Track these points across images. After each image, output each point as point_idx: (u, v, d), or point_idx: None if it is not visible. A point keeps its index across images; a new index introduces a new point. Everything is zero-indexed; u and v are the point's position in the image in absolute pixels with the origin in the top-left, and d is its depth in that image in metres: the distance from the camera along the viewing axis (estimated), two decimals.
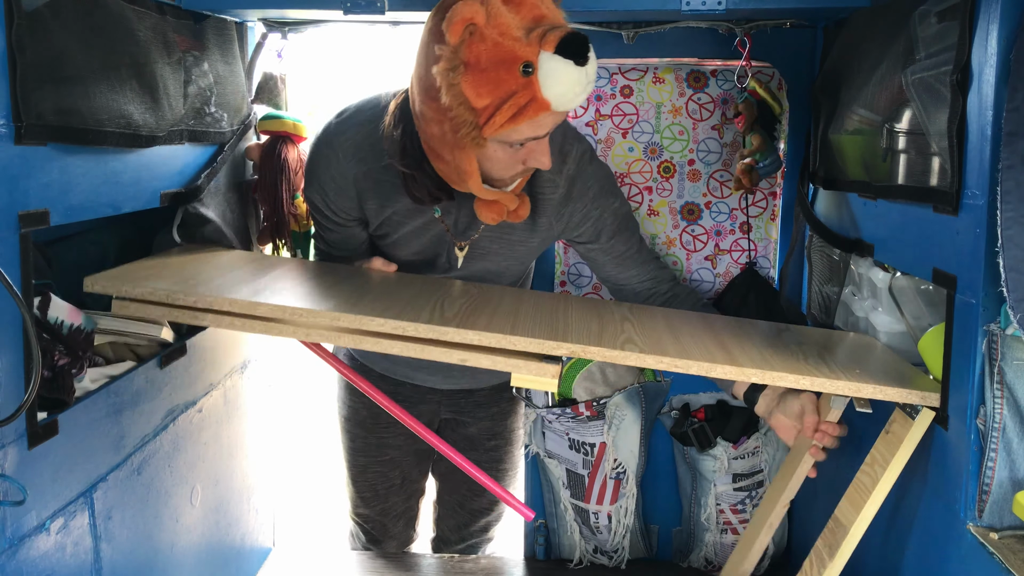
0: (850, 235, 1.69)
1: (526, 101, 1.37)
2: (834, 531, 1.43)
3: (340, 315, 1.36)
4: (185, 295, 1.37)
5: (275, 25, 1.95)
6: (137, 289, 1.37)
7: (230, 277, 1.51)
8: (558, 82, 1.36)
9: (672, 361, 1.37)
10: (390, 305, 1.44)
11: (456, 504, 2.19)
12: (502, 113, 1.39)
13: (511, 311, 1.52)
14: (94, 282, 1.38)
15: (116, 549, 1.41)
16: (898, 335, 1.58)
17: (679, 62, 2.08)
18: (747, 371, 1.36)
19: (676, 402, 2.09)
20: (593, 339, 1.41)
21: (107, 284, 1.38)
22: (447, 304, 1.49)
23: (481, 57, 1.35)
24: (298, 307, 1.37)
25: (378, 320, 1.36)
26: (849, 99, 1.63)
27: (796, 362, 1.42)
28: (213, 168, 1.74)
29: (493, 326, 1.39)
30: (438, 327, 1.36)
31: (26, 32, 1.14)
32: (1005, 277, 1.10)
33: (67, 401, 1.29)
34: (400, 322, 1.36)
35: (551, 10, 1.41)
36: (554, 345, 1.37)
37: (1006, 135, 1.11)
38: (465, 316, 1.43)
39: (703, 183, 2.12)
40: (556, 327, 1.45)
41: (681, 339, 1.49)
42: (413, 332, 1.36)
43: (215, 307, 1.37)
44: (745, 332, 1.60)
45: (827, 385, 1.36)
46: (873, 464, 1.41)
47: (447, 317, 1.41)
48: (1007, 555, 1.13)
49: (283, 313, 1.37)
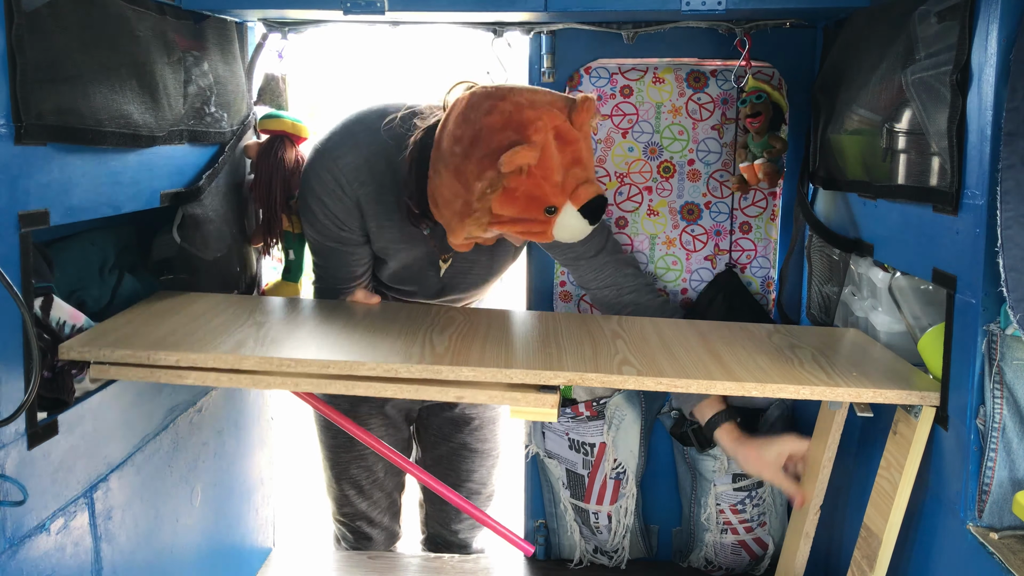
0: (850, 235, 1.69)
1: (537, 231, 1.54)
2: (868, 541, 1.44)
3: (330, 362, 1.35)
4: (167, 355, 1.33)
5: (275, 25, 1.95)
6: (116, 353, 1.33)
7: (212, 326, 1.48)
8: (569, 231, 1.54)
9: (671, 382, 1.37)
10: (379, 343, 1.44)
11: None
12: (514, 226, 1.55)
13: (501, 338, 1.53)
14: (69, 349, 1.32)
15: (116, 549, 1.41)
16: (898, 335, 1.58)
17: (679, 62, 2.07)
18: (747, 386, 1.36)
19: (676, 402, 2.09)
20: (589, 364, 1.41)
21: (83, 350, 1.32)
22: (435, 338, 1.49)
23: (520, 188, 1.49)
24: (285, 358, 1.35)
25: (369, 364, 1.34)
26: (849, 99, 1.63)
27: (793, 369, 1.42)
28: (214, 169, 1.74)
29: (486, 358, 1.39)
30: (431, 367, 1.35)
31: (26, 32, 1.14)
32: (1005, 277, 1.10)
33: (67, 401, 1.29)
34: (391, 364, 1.35)
35: (587, 154, 1.55)
36: (551, 375, 1.37)
37: (1006, 135, 1.11)
38: (456, 350, 1.43)
39: (703, 183, 2.12)
40: (549, 353, 1.46)
41: (676, 353, 1.49)
42: (406, 373, 1.35)
43: (199, 364, 1.34)
44: (737, 339, 1.60)
45: (827, 393, 1.37)
46: (889, 468, 1.41)
47: (439, 353, 1.41)
48: (1007, 555, 1.13)
49: (271, 365, 1.35)
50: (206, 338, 1.41)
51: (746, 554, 2.08)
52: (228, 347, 1.37)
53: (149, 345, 1.35)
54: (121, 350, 1.33)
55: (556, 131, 1.49)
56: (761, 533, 2.06)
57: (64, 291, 1.52)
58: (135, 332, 1.42)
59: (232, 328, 1.48)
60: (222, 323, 1.51)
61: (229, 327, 1.48)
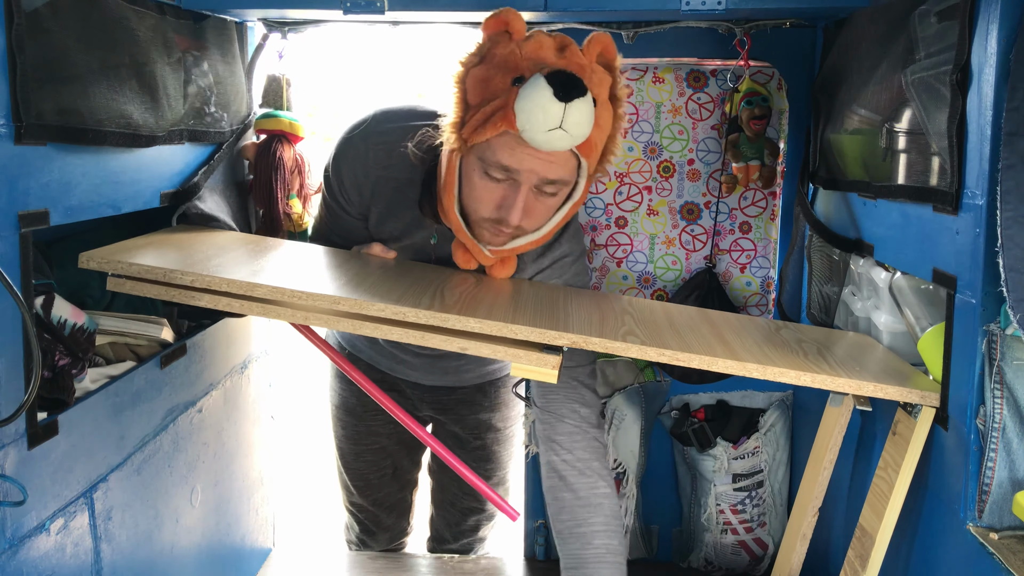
0: (850, 235, 1.69)
1: (499, 107, 1.37)
2: (862, 540, 1.44)
3: (340, 298, 1.34)
4: (182, 274, 1.34)
5: (275, 25, 1.95)
6: (134, 266, 1.34)
7: (228, 257, 1.49)
8: (530, 101, 1.33)
9: (673, 354, 1.35)
10: (390, 290, 1.42)
11: (447, 503, 2.19)
12: (479, 115, 1.39)
13: (510, 301, 1.50)
14: (89, 258, 1.35)
15: (116, 549, 1.41)
16: (899, 335, 1.58)
17: (679, 62, 2.08)
18: (748, 366, 1.35)
19: (676, 402, 2.09)
20: (595, 330, 1.39)
21: (103, 261, 1.35)
22: (447, 292, 1.47)
23: (495, 57, 1.40)
24: (297, 289, 1.34)
25: (378, 305, 1.33)
26: (849, 99, 1.63)
27: (796, 358, 1.42)
28: (210, 166, 1.74)
29: (494, 315, 1.37)
30: (439, 313, 1.33)
31: (26, 32, 1.14)
32: (1005, 277, 1.10)
33: (67, 401, 1.29)
34: (400, 307, 1.33)
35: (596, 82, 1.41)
36: (555, 335, 1.35)
37: (1006, 135, 1.11)
38: (465, 304, 1.41)
39: (703, 183, 2.12)
40: (556, 317, 1.44)
41: (682, 333, 1.48)
42: (413, 318, 1.34)
43: (212, 287, 1.34)
44: (744, 328, 1.59)
45: (828, 382, 1.36)
46: (886, 468, 1.41)
47: (447, 304, 1.39)
48: (1007, 555, 1.13)
49: (281, 295, 1.34)
50: (223, 265, 1.42)
51: (746, 554, 2.08)
52: (242, 275, 1.37)
53: (167, 264, 1.36)
54: (139, 264, 1.34)
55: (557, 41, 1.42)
56: (761, 533, 2.06)
57: (65, 291, 1.52)
58: (155, 252, 1.43)
59: (249, 261, 1.48)
60: (241, 255, 1.51)
61: (246, 260, 1.49)
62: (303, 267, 1.54)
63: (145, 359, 1.53)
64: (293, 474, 3.95)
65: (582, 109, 1.33)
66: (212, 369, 1.80)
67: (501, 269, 1.63)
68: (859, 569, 1.42)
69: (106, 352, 1.50)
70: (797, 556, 1.70)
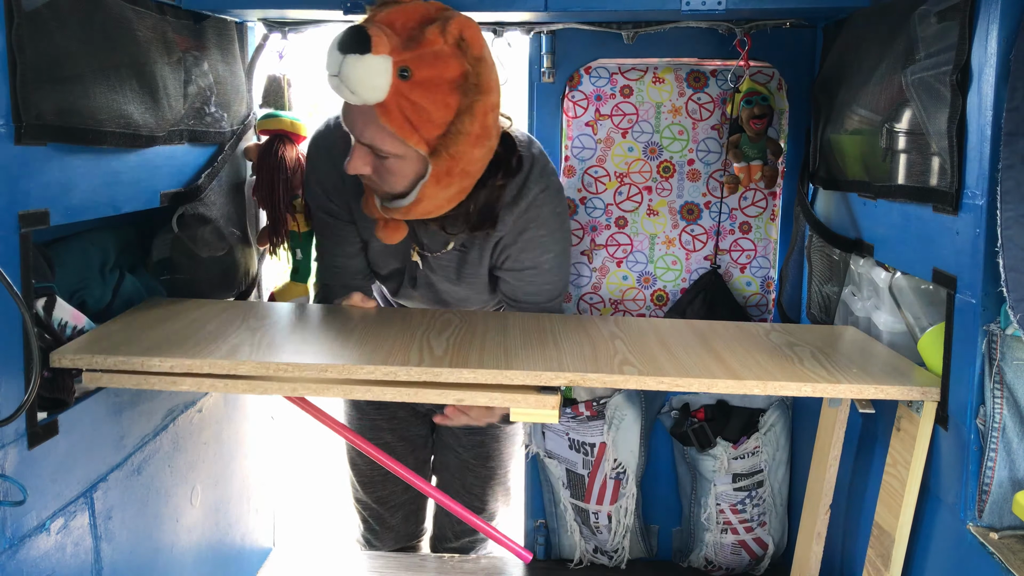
0: (850, 235, 1.69)
1: None
2: (880, 539, 1.44)
3: (328, 366, 1.33)
4: (160, 361, 1.30)
5: (275, 25, 1.95)
6: (109, 360, 1.30)
7: (204, 333, 1.46)
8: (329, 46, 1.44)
9: (673, 381, 1.36)
10: (376, 347, 1.42)
11: None
12: None
13: (499, 340, 1.51)
14: (61, 356, 1.29)
15: (116, 549, 1.41)
16: (899, 335, 1.58)
17: (679, 62, 2.08)
18: (748, 384, 1.35)
19: (676, 402, 2.09)
20: (589, 364, 1.40)
21: (75, 358, 1.30)
22: (433, 341, 1.48)
23: None
24: (283, 362, 1.33)
25: (367, 368, 1.33)
26: (849, 99, 1.63)
27: (793, 367, 1.42)
28: (213, 168, 1.74)
29: (486, 360, 1.38)
30: (431, 369, 1.33)
31: (26, 32, 1.14)
32: (1005, 277, 1.10)
33: (67, 401, 1.29)
34: (391, 368, 1.33)
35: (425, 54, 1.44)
36: (552, 376, 1.35)
37: (1006, 135, 1.11)
38: (455, 352, 1.41)
39: (703, 183, 2.12)
40: (549, 354, 1.44)
41: (675, 353, 1.49)
42: (405, 376, 1.33)
43: (194, 371, 1.32)
44: (735, 338, 1.59)
45: (829, 390, 1.36)
46: (895, 465, 1.41)
47: (437, 356, 1.39)
48: (1007, 555, 1.13)
49: (267, 370, 1.33)
50: (200, 344, 1.39)
51: (746, 554, 2.08)
52: (223, 352, 1.35)
53: (142, 351, 1.33)
54: (114, 357, 1.31)
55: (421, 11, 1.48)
56: (761, 533, 2.06)
57: (65, 291, 1.52)
58: (128, 339, 1.40)
59: (227, 333, 1.46)
60: (216, 328, 1.49)
61: (224, 332, 1.47)
62: (285, 332, 1.53)
63: None
64: (293, 474, 3.95)
65: (355, 65, 1.40)
66: None
67: (386, 232, 1.67)
68: (882, 569, 1.42)
69: None
70: (815, 556, 1.70)
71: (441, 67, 1.44)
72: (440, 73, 1.44)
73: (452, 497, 2.18)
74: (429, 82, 1.44)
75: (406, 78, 1.42)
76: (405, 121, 1.45)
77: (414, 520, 2.22)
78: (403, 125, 1.46)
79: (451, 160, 1.51)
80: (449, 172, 1.52)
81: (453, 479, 2.14)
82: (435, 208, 1.59)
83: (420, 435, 2.13)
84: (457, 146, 1.50)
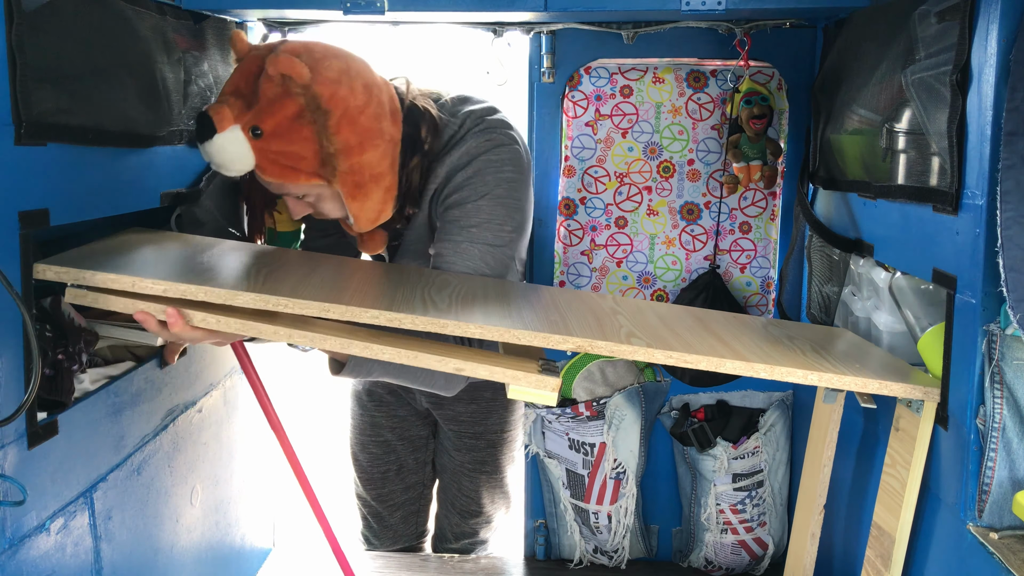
0: (850, 235, 1.69)
1: None
2: (880, 540, 1.44)
3: (330, 305, 1.23)
4: (153, 284, 1.20)
5: (275, 25, 1.95)
6: (97, 276, 1.20)
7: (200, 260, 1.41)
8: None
9: (681, 356, 1.31)
10: (379, 295, 1.35)
11: (448, 502, 2.19)
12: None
13: (502, 303, 1.44)
14: (45, 269, 1.19)
15: (116, 549, 1.41)
16: (899, 335, 1.58)
17: (679, 62, 2.08)
18: (756, 366, 1.32)
19: (676, 402, 2.09)
20: (596, 333, 1.34)
21: (60, 271, 1.20)
22: (435, 295, 1.40)
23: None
24: (284, 297, 1.23)
25: (372, 312, 1.24)
26: (849, 99, 1.63)
27: (796, 356, 1.41)
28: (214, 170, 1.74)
29: (490, 318, 1.31)
30: (437, 320, 1.26)
31: (26, 32, 1.14)
32: (1005, 277, 1.10)
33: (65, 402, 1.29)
34: (396, 314, 1.24)
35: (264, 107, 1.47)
36: (560, 339, 1.29)
37: (1006, 135, 1.11)
38: (459, 308, 1.34)
39: (703, 183, 2.12)
40: (554, 320, 1.39)
41: (678, 332, 1.45)
42: (410, 324, 1.25)
43: (188, 296, 1.21)
44: (733, 326, 1.58)
45: (835, 380, 1.34)
46: (894, 465, 1.41)
47: (441, 308, 1.32)
48: (1007, 555, 1.13)
49: (267, 303, 1.22)
50: (195, 271, 1.32)
51: (746, 554, 2.08)
52: (220, 282, 1.24)
53: (133, 271, 1.22)
54: (102, 274, 1.20)
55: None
56: (761, 533, 2.06)
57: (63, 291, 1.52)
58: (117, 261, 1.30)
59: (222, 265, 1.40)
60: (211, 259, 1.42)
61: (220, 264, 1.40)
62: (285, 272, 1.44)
63: (144, 359, 1.53)
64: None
65: (211, 149, 1.48)
66: (212, 369, 1.80)
67: (368, 245, 1.75)
68: (882, 569, 1.42)
69: (104, 353, 1.50)
70: (809, 556, 1.70)
71: (279, 111, 1.47)
72: (283, 116, 1.47)
73: (450, 500, 2.19)
74: (278, 128, 1.47)
75: (259, 135, 1.47)
76: (283, 169, 1.51)
77: (413, 522, 2.21)
78: (284, 172, 1.51)
79: (351, 175, 1.53)
80: (358, 185, 1.55)
81: (451, 482, 2.14)
82: (377, 215, 1.61)
83: (421, 436, 2.13)
84: (345, 163, 1.52)
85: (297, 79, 1.45)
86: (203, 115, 1.47)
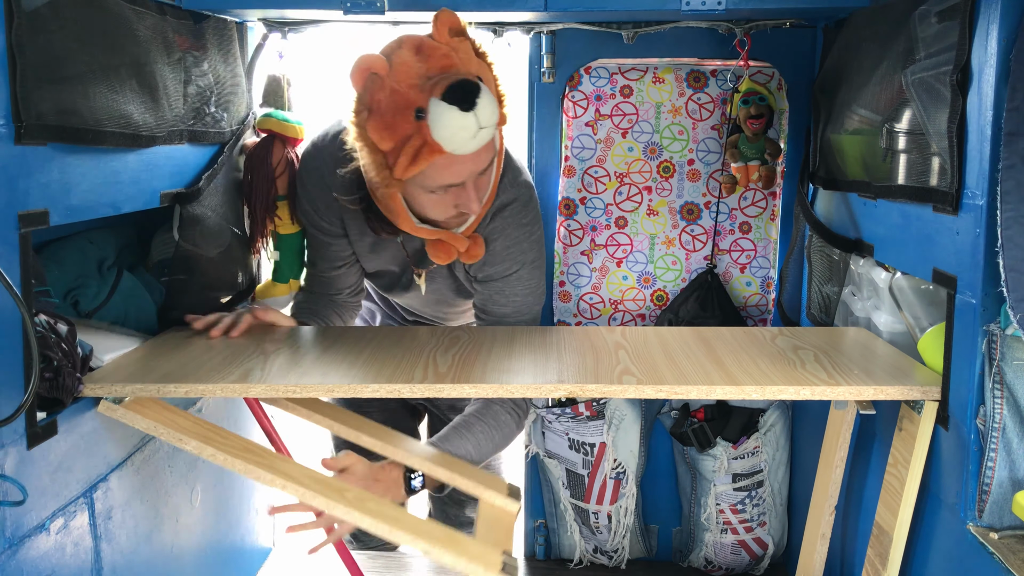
0: (850, 235, 1.69)
1: (420, 144, 1.45)
2: (880, 539, 1.44)
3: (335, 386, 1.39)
4: (175, 387, 1.36)
5: (275, 25, 1.95)
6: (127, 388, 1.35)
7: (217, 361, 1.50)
8: (444, 126, 1.43)
9: (671, 388, 1.39)
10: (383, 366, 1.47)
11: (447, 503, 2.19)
12: (403, 156, 1.47)
13: (504, 355, 1.55)
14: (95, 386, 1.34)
15: (116, 549, 1.41)
16: (899, 335, 1.58)
17: (679, 62, 2.08)
18: (746, 389, 1.37)
19: (676, 402, 2.09)
20: (590, 375, 1.43)
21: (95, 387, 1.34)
22: (439, 358, 1.52)
23: (381, 103, 1.46)
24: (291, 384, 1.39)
25: (372, 387, 1.39)
26: (849, 99, 1.63)
27: (794, 371, 1.43)
28: (213, 170, 1.74)
29: (488, 375, 1.43)
30: (433, 385, 1.39)
31: (26, 32, 1.14)
32: (1005, 277, 1.10)
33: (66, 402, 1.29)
34: (394, 385, 1.39)
35: (464, 60, 1.49)
36: (551, 388, 1.40)
37: (1006, 135, 1.11)
38: (459, 368, 1.46)
39: (703, 183, 2.12)
40: (551, 366, 1.48)
41: (677, 361, 1.51)
42: (408, 393, 1.40)
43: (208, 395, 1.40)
44: (741, 344, 1.60)
45: (828, 392, 1.37)
46: (896, 465, 1.41)
47: (441, 373, 1.44)
48: (1007, 555, 1.13)
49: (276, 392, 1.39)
50: (214, 370, 1.44)
51: (746, 554, 2.08)
52: (235, 377, 1.40)
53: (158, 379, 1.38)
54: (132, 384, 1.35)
55: (412, 46, 1.47)
56: (761, 533, 2.06)
57: (62, 290, 1.52)
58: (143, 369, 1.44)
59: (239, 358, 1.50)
60: (229, 355, 1.53)
61: (236, 357, 1.51)
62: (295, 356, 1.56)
63: None
64: None
65: (484, 102, 1.45)
66: None
67: (476, 249, 1.69)
68: (880, 568, 1.42)
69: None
70: (819, 556, 1.71)
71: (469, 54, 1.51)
72: (472, 60, 1.51)
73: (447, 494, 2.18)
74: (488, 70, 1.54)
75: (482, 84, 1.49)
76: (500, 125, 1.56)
77: None
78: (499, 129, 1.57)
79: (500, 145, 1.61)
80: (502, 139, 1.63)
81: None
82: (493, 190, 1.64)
83: (408, 429, 2.13)
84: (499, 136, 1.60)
85: (460, 27, 1.51)
86: (457, 83, 1.43)
